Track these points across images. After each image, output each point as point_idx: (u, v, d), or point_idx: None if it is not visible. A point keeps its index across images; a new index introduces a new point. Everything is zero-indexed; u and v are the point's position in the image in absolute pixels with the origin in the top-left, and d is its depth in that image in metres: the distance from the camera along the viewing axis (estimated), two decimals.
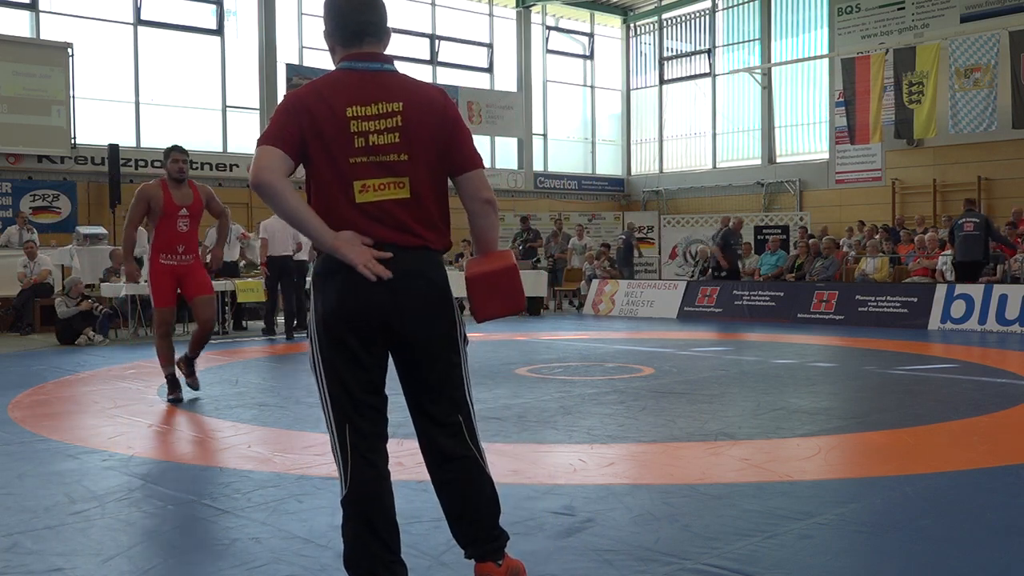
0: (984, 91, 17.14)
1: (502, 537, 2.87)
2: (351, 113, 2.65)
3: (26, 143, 16.63)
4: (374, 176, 2.66)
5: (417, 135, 2.69)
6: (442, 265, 2.80)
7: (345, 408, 2.71)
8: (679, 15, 24.67)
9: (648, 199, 25.17)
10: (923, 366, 8.65)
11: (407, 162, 2.68)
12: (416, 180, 2.70)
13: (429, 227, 2.73)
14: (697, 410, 6.29)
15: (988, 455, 4.90)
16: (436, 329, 2.74)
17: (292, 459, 4.92)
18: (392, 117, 2.67)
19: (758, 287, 15.54)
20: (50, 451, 5.18)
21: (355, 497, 2.69)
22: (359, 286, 2.62)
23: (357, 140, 2.65)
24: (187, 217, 6.81)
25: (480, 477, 2.82)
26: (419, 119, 2.70)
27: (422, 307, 2.70)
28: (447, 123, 2.75)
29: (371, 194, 2.66)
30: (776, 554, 3.25)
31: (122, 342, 12.08)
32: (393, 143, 2.67)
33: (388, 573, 2.69)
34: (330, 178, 2.68)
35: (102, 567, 3.21)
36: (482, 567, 2.85)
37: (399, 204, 2.68)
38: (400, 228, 2.68)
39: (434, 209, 2.75)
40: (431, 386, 2.77)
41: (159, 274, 6.76)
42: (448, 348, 2.77)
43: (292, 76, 19.23)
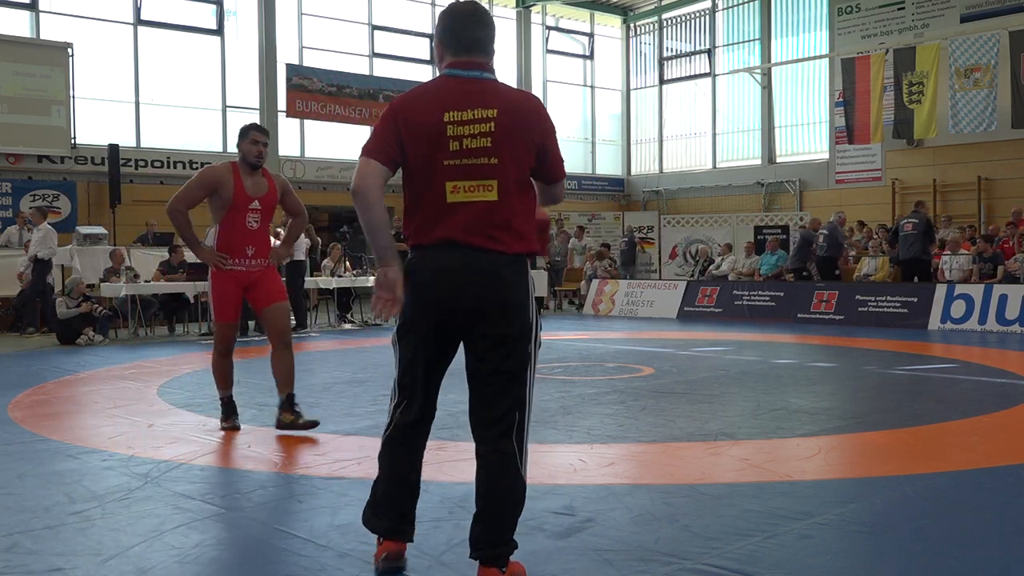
0: (984, 91, 17.13)
1: (511, 545, 2.94)
2: (448, 118, 2.86)
3: (26, 143, 16.63)
4: (465, 178, 2.86)
5: (510, 140, 2.88)
6: (517, 266, 2.94)
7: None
8: (679, 15, 24.67)
9: (648, 199, 25.17)
10: (923, 366, 8.65)
11: (497, 165, 2.87)
12: (504, 184, 2.88)
13: (508, 230, 2.90)
14: (697, 410, 6.29)
15: (988, 455, 4.90)
16: (505, 328, 2.90)
17: (292, 459, 4.92)
18: (486, 123, 2.86)
19: (758, 287, 15.54)
20: (50, 451, 5.18)
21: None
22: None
23: (452, 144, 2.85)
24: (258, 212, 5.59)
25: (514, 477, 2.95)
26: (512, 125, 2.88)
27: (488, 304, 2.90)
28: (542, 132, 2.96)
29: (462, 195, 2.87)
30: (776, 554, 3.25)
31: (122, 342, 12.08)
32: (485, 147, 2.86)
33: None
34: (425, 178, 2.89)
35: (102, 567, 3.21)
36: (486, 572, 2.90)
37: (487, 206, 2.88)
38: (482, 230, 2.87)
39: (521, 213, 2.93)
40: (496, 381, 2.93)
41: (222, 282, 5.51)
42: (519, 346, 2.94)
43: (292, 76, 19.23)
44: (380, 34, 21.44)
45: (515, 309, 2.93)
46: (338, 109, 19.78)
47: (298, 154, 20.51)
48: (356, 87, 20.10)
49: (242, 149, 5.65)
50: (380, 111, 19.72)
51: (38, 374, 8.71)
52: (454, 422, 5.72)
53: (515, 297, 2.92)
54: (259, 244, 5.60)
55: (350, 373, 8.57)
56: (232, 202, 5.48)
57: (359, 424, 5.85)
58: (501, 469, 2.91)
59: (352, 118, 20.14)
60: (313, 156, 20.63)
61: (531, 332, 2.97)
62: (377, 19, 21.41)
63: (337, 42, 20.85)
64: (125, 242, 15.44)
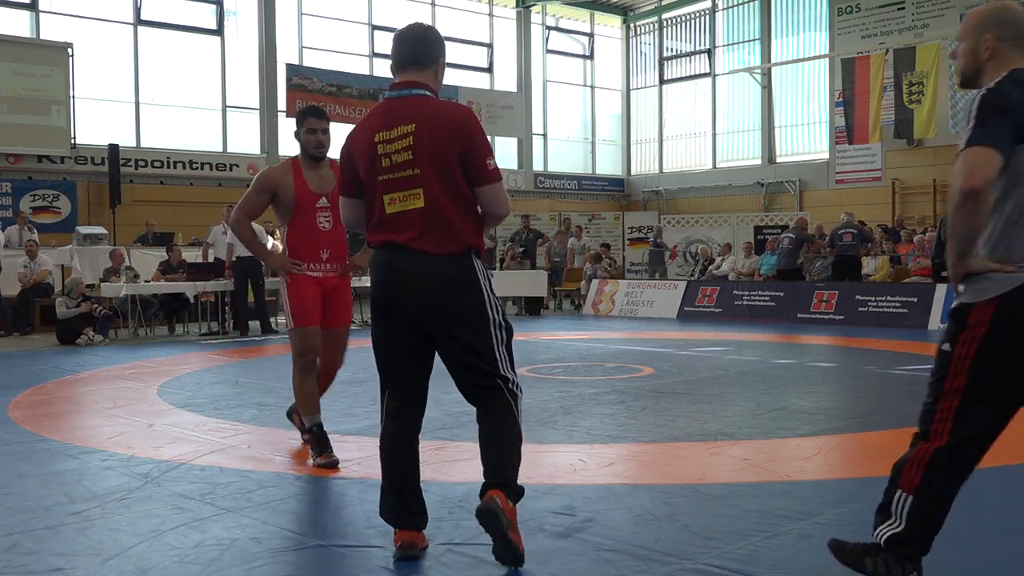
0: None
1: (512, 486, 3.12)
2: (378, 139, 3.19)
3: (26, 143, 16.64)
4: (397, 190, 3.16)
5: (428, 150, 3.11)
6: (462, 263, 3.17)
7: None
8: (679, 15, 24.68)
9: (648, 199, 25.17)
10: (923, 366, 8.64)
11: (420, 175, 3.13)
12: (429, 191, 3.13)
13: (443, 233, 3.14)
14: (697, 410, 6.29)
15: (988, 455, 4.89)
16: (451, 318, 3.15)
17: (292, 459, 4.92)
18: (406, 138, 3.14)
19: (758, 287, 15.54)
20: (50, 451, 5.18)
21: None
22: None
23: (383, 160, 3.17)
24: (329, 209, 4.86)
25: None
26: (430, 137, 3.11)
27: (428, 299, 3.17)
28: (461, 141, 3.13)
29: (397, 206, 3.17)
30: (776, 554, 3.25)
31: (122, 342, 12.08)
32: (407, 160, 3.14)
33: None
34: (370, 195, 3.23)
35: (102, 567, 3.21)
36: (493, 492, 3.07)
37: (417, 212, 3.15)
38: (419, 234, 3.14)
39: (453, 216, 3.14)
40: (461, 360, 3.20)
41: (301, 282, 4.85)
42: (469, 332, 3.17)
43: (292, 76, 19.23)
44: (380, 34, 21.44)
45: (465, 305, 3.16)
46: (338, 109, 19.77)
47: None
48: (356, 87, 20.10)
49: (301, 140, 4.95)
50: None
51: (38, 374, 8.71)
52: (454, 422, 5.72)
53: (446, 290, 3.14)
54: (334, 246, 4.92)
55: (350, 373, 8.55)
56: (296, 203, 4.83)
57: (359, 424, 5.85)
58: (493, 413, 3.19)
59: (352, 118, 20.12)
60: None
61: (487, 321, 3.17)
62: (377, 19, 21.41)
63: (337, 42, 20.86)
64: (125, 242, 15.45)
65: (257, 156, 19.77)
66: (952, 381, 2.71)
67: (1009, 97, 2.56)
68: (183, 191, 18.59)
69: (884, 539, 2.81)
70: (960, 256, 2.63)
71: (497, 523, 3.00)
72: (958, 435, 2.75)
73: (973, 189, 2.49)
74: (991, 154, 2.50)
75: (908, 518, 2.77)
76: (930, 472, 2.76)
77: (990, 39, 2.73)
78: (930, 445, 2.78)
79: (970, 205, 2.51)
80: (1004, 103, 2.56)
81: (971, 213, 2.53)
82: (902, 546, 2.79)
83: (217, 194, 18.47)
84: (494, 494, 3.03)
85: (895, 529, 2.79)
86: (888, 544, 2.80)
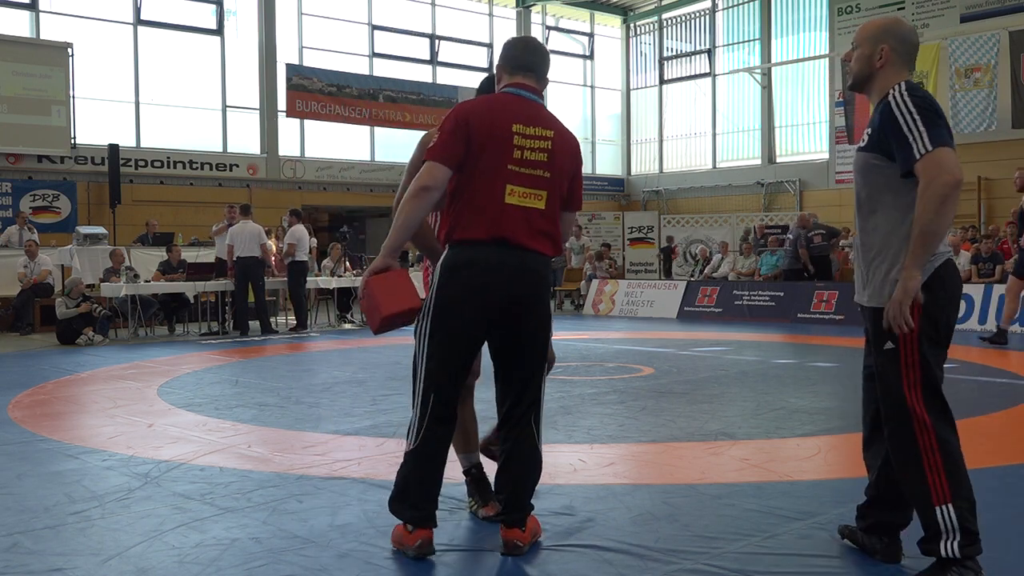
0: (984, 91, 17.14)
1: (528, 508, 3.32)
2: (516, 129, 3.21)
3: (26, 143, 16.64)
4: (522, 184, 3.21)
5: (559, 160, 3.29)
6: (550, 267, 3.36)
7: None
8: (679, 15, 24.68)
9: (648, 199, 25.17)
10: None
11: (548, 179, 3.26)
12: (551, 196, 3.27)
13: (549, 236, 3.28)
14: (697, 410, 6.29)
15: (988, 455, 4.90)
16: (538, 318, 3.29)
17: (292, 459, 4.92)
18: (545, 140, 3.26)
19: (758, 287, 15.54)
20: (50, 451, 5.18)
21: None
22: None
23: (516, 152, 3.21)
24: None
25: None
26: (562, 149, 3.30)
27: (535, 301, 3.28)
28: (577, 163, 3.41)
29: (517, 199, 3.21)
30: (776, 554, 3.25)
31: (122, 342, 12.08)
32: (541, 161, 3.24)
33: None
34: (485, 179, 3.18)
35: (102, 567, 3.21)
36: (508, 532, 3.26)
37: (536, 212, 3.24)
38: (531, 233, 3.22)
39: (556, 223, 3.32)
40: (527, 368, 3.30)
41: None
42: (544, 339, 3.34)
43: (292, 76, 19.23)
44: (380, 34, 21.44)
45: (546, 304, 3.33)
46: (338, 109, 19.78)
47: (298, 154, 20.51)
48: (356, 87, 20.11)
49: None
50: (380, 111, 19.56)
51: (38, 374, 8.71)
52: None
53: (547, 294, 3.33)
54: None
55: (350, 373, 8.57)
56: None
57: (359, 424, 5.85)
58: (524, 445, 3.29)
59: (352, 118, 20.15)
60: (313, 156, 20.64)
61: (551, 326, 3.36)
62: (377, 19, 21.41)
63: (337, 42, 20.86)
64: (125, 242, 15.45)
65: (257, 156, 19.78)
66: (911, 373, 2.91)
67: (933, 101, 2.84)
68: (183, 191, 18.59)
69: (949, 557, 2.85)
70: (924, 258, 2.80)
71: (521, 552, 3.27)
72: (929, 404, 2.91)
73: (959, 180, 2.72)
74: (954, 153, 2.76)
75: (962, 521, 2.83)
76: (945, 450, 2.86)
77: (886, 49, 2.97)
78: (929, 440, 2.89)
79: (953, 199, 2.73)
80: (934, 107, 2.82)
81: (952, 207, 2.74)
82: (971, 551, 2.85)
83: (217, 194, 18.48)
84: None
85: (955, 541, 2.84)
86: (960, 558, 2.84)
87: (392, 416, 6.02)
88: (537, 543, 3.37)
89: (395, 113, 20.58)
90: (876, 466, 3.16)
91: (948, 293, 2.92)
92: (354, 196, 21.22)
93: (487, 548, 3.35)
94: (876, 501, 3.15)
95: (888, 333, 2.89)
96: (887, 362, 2.92)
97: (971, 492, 2.90)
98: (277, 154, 20.04)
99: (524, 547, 3.26)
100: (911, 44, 3.01)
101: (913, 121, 2.77)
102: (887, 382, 2.93)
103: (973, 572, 2.83)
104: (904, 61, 2.99)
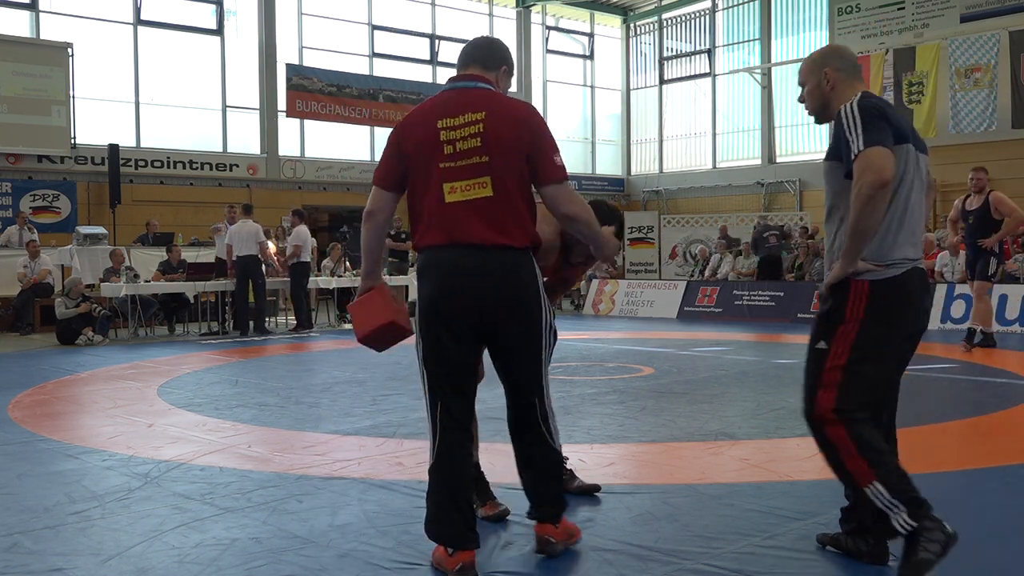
0: (984, 91, 17.14)
1: (557, 503, 3.24)
2: (441, 125, 3.07)
3: (26, 143, 16.63)
4: (460, 178, 3.04)
5: (496, 140, 3.03)
6: (525, 259, 3.11)
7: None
8: (679, 15, 24.67)
9: (648, 199, 25.16)
10: (923, 366, 8.64)
11: (487, 163, 3.03)
12: (498, 180, 3.04)
13: (511, 223, 3.05)
14: (697, 410, 6.29)
15: (988, 455, 4.90)
16: (520, 321, 3.11)
17: (292, 459, 4.92)
18: (475, 125, 3.04)
19: (758, 287, 15.54)
20: (50, 451, 5.18)
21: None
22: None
23: (446, 147, 3.06)
24: None
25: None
26: (498, 126, 3.04)
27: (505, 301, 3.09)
28: (527, 132, 3.07)
29: (459, 194, 3.04)
30: (776, 554, 3.25)
31: (122, 342, 12.08)
32: (476, 147, 3.03)
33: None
34: (424, 184, 3.09)
35: (102, 567, 3.21)
36: (540, 528, 3.23)
37: (484, 201, 3.04)
38: (485, 225, 3.03)
39: (520, 206, 3.08)
40: (514, 372, 3.19)
41: None
42: (530, 340, 3.15)
43: (292, 76, 19.23)
44: (380, 34, 21.44)
45: (523, 302, 3.10)
46: (338, 109, 19.78)
47: (298, 154, 20.50)
48: (356, 87, 20.10)
49: None
50: (380, 111, 19.59)
51: (38, 374, 8.71)
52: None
53: (524, 291, 3.09)
54: None
55: (350, 373, 8.57)
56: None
57: (359, 424, 5.85)
58: (534, 445, 3.23)
59: (352, 118, 20.14)
60: (313, 156, 20.63)
61: (542, 324, 3.16)
62: (377, 19, 21.40)
63: (337, 42, 20.85)
64: (125, 242, 15.45)
65: (257, 156, 19.77)
66: (831, 375, 2.96)
67: (881, 108, 2.91)
68: (183, 191, 18.59)
69: (904, 524, 2.83)
70: (854, 256, 2.88)
71: (555, 550, 3.22)
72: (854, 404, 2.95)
73: (886, 181, 2.78)
74: (888, 152, 2.81)
75: (898, 495, 2.84)
76: (865, 451, 2.90)
77: (830, 72, 3.08)
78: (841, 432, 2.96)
79: (881, 198, 2.79)
80: (880, 112, 2.88)
81: (880, 206, 2.80)
82: (919, 512, 2.83)
83: (217, 194, 18.47)
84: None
85: (901, 514, 2.83)
86: (911, 526, 2.82)
87: (392, 416, 6.02)
88: (574, 549, 3.30)
89: (395, 113, 20.56)
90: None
91: (903, 303, 2.93)
92: (354, 196, 21.20)
93: (488, 549, 3.33)
94: (858, 503, 3.16)
95: (822, 335, 2.99)
96: (815, 359, 3.02)
97: (897, 467, 2.90)
98: (277, 154, 20.04)
99: (557, 544, 3.21)
100: (850, 59, 3.12)
101: (854, 124, 2.86)
102: (809, 380, 3.03)
103: (939, 531, 2.80)
104: (851, 76, 3.08)
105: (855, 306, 2.92)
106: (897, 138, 2.89)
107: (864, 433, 2.91)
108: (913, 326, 3.00)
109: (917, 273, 2.98)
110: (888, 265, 2.92)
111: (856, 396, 2.93)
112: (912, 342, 3.07)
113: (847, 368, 2.92)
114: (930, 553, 2.77)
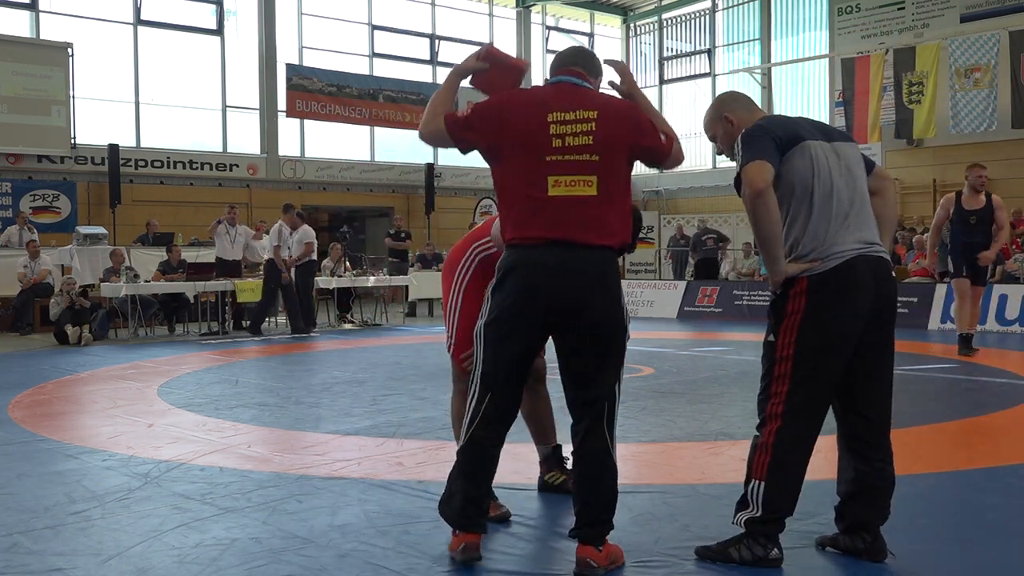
0: (984, 91, 17.14)
1: (604, 524, 3.09)
2: (551, 118, 3.05)
3: (26, 143, 16.63)
4: (566, 173, 3.02)
5: (607, 141, 3.05)
6: (613, 261, 3.12)
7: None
8: (679, 15, 24.67)
9: (648, 199, 25.17)
10: (923, 366, 8.64)
11: (597, 163, 3.04)
12: (604, 180, 3.05)
13: (607, 224, 3.06)
14: (697, 410, 6.28)
15: (988, 455, 4.90)
16: (604, 322, 3.06)
17: (292, 459, 4.92)
18: (587, 123, 3.04)
19: (758, 287, 15.54)
20: (50, 451, 5.18)
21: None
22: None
23: (555, 141, 3.03)
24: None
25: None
26: (610, 125, 3.07)
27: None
28: (636, 129, 3.14)
29: (563, 189, 3.02)
30: None
31: (122, 342, 12.08)
32: (586, 144, 3.03)
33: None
34: (526, 174, 3.05)
35: (102, 567, 3.21)
36: (581, 550, 3.05)
37: (587, 200, 3.03)
38: (582, 224, 3.01)
39: (621, 208, 3.12)
40: (593, 376, 3.11)
41: None
42: (615, 340, 3.11)
43: (292, 76, 19.23)
44: (380, 34, 21.44)
45: (613, 304, 3.07)
46: (338, 109, 19.78)
47: (298, 154, 20.51)
48: (356, 87, 20.11)
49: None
50: (380, 111, 19.53)
51: (38, 374, 8.71)
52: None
53: (613, 292, 3.08)
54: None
55: (350, 373, 8.57)
56: None
57: (359, 424, 5.85)
58: (594, 456, 3.11)
59: (352, 118, 20.14)
60: (313, 156, 20.64)
61: (625, 326, 3.14)
62: (377, 19, 21.41)
63: (337, 42, 20.86)
64: (125, 242, 15.44)
65: (257, 156, 19.78)
66: (780, 366, 3.15)
67: (761, 125, 3.13)
68: (183, 191, 18.59)
69: (744, 523, 3.11)
70: (775, 262, 3.05)
71: (593, 573, 3.03)
72: (793, 415, 3.14)
73: (758, 190, 2.95)
74: (763, 164, 2.99)
75: (764, 503, 3.08)
76: (776, 454, 3.13)
77: (730, 115, 3.31)
78: (771, 428, 3.17)
79: (760, 206, 2.96)
80: (758, 129, 3.10)
81: (764, 214, 2.96)
82: (762, 528, 3.09)
83: (217, 194, 18.48)
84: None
85: (753, 514, 3.10)
86: (749, 528, 3.10)
87: (392, 416, 6.02)
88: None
89: (395, 113, 20.58)
90: (846, 467, 3.32)
91: (835, 297, 3.05)
92: (354, 196, 21.22)
93: (489, 548, 3.32)
94: (850, 499, 3.24)
95: (773, 328, 3.16)
96: (766, 352, 3.21)
97: (793, 487, 3.13)
98: (277, 154, 20.04)
99: (598, 568, 2.99)
100: (742, 99, 3.39)
101: (739, 150, 3.09)
102: (762, 369, 3.25)
103: (761, 548, 3.07)
104: (748, 112, 3.30)
105: (795, 302, 3.08)
106: (788, 142, 3.07)
107: (788, 436, 3.14)
108: (864, 307, 3.10)
109: (863, 261, 3.07)
110: (824, 259, 3.05)
111: (794, 386, 3.12)
112: (876, 325, 3.22)
113: (795, 361, 3.09)
114: (740, 556, 3.07)
